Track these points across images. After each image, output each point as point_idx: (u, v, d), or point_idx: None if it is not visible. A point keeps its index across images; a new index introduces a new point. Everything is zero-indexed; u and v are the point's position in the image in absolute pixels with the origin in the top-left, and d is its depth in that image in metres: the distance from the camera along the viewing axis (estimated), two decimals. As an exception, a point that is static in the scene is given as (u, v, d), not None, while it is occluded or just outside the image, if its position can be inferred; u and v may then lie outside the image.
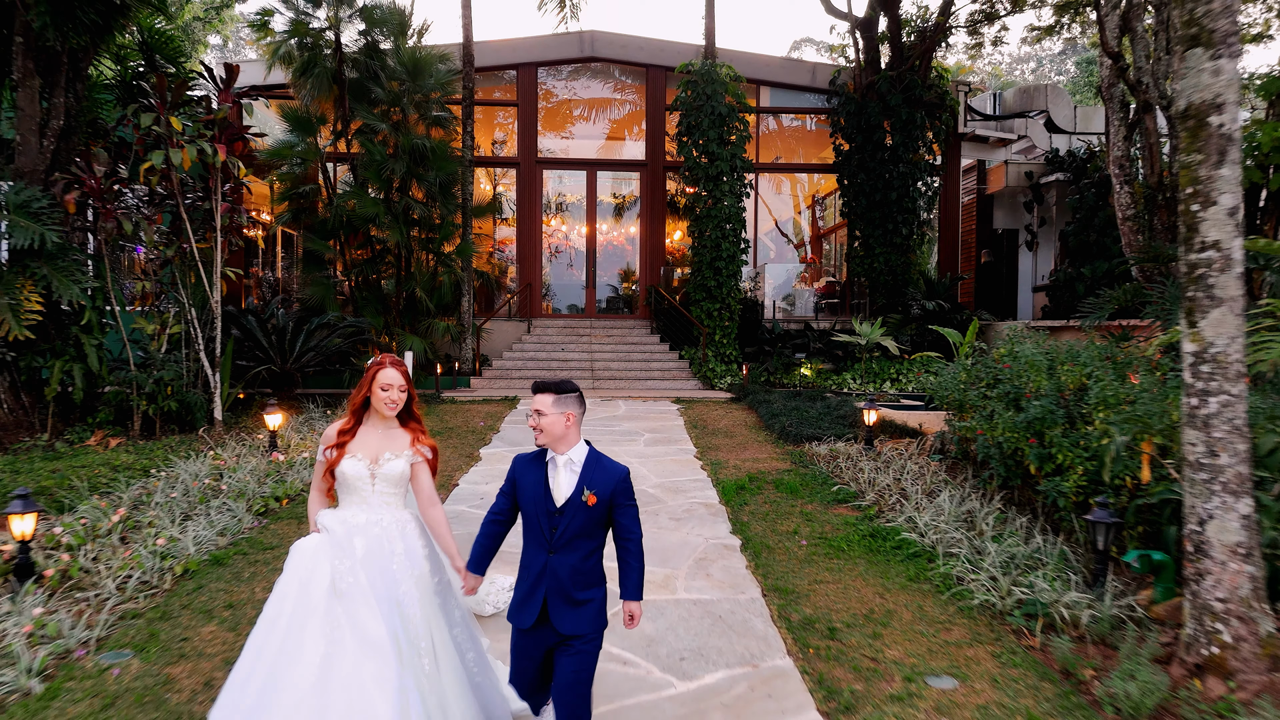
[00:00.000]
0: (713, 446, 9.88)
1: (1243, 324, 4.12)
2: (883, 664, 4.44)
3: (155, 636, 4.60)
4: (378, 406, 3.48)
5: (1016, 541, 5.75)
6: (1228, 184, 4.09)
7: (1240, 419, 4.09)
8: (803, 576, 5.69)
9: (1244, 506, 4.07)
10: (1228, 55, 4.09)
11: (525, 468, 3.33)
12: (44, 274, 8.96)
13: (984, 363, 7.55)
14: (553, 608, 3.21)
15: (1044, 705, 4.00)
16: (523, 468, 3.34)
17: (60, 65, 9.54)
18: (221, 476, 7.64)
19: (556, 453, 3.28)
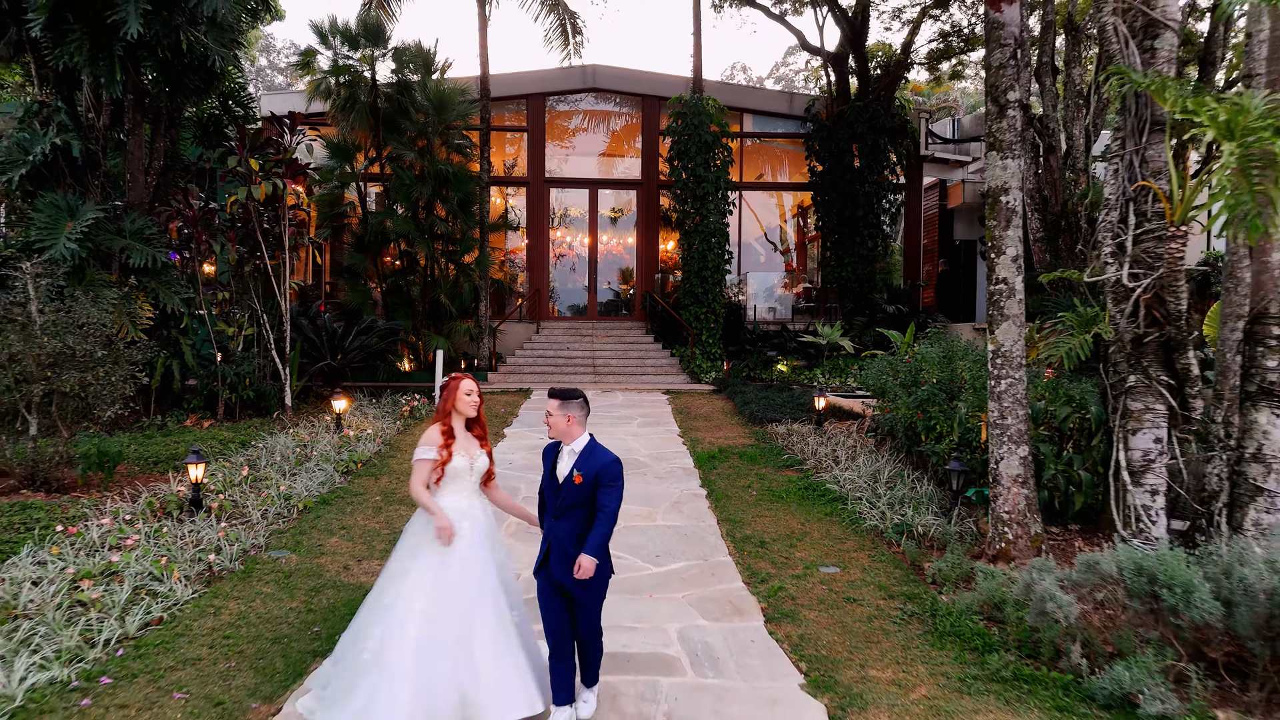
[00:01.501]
0: (693, 428, 12.05)
1: (1022, 332, 6.29)
2: (792, 560, 6.61)
3: (300, 543, 6.78)
4: (463, 409, 4.27)
5: (904, 488, 7.93)
6: (1011, 242, 6.26)
7: (1020, 393, 6.26)
8: (749, 513, 7.87)
9: (1022, 451, 6.23)
10: (1011, 157, 6.26)
11: (547, 453, 4.25)
12: (153, 287, 11.14)
13: (898, 358, 9.73)
14: (553, 561, 4.04)
15: (892, 579, 6.17)
16: (546, 453, 4.26)
17: (162, 117, 11.71)
18: (306, 448, 9.80)
19: (564, 443, 4.16)
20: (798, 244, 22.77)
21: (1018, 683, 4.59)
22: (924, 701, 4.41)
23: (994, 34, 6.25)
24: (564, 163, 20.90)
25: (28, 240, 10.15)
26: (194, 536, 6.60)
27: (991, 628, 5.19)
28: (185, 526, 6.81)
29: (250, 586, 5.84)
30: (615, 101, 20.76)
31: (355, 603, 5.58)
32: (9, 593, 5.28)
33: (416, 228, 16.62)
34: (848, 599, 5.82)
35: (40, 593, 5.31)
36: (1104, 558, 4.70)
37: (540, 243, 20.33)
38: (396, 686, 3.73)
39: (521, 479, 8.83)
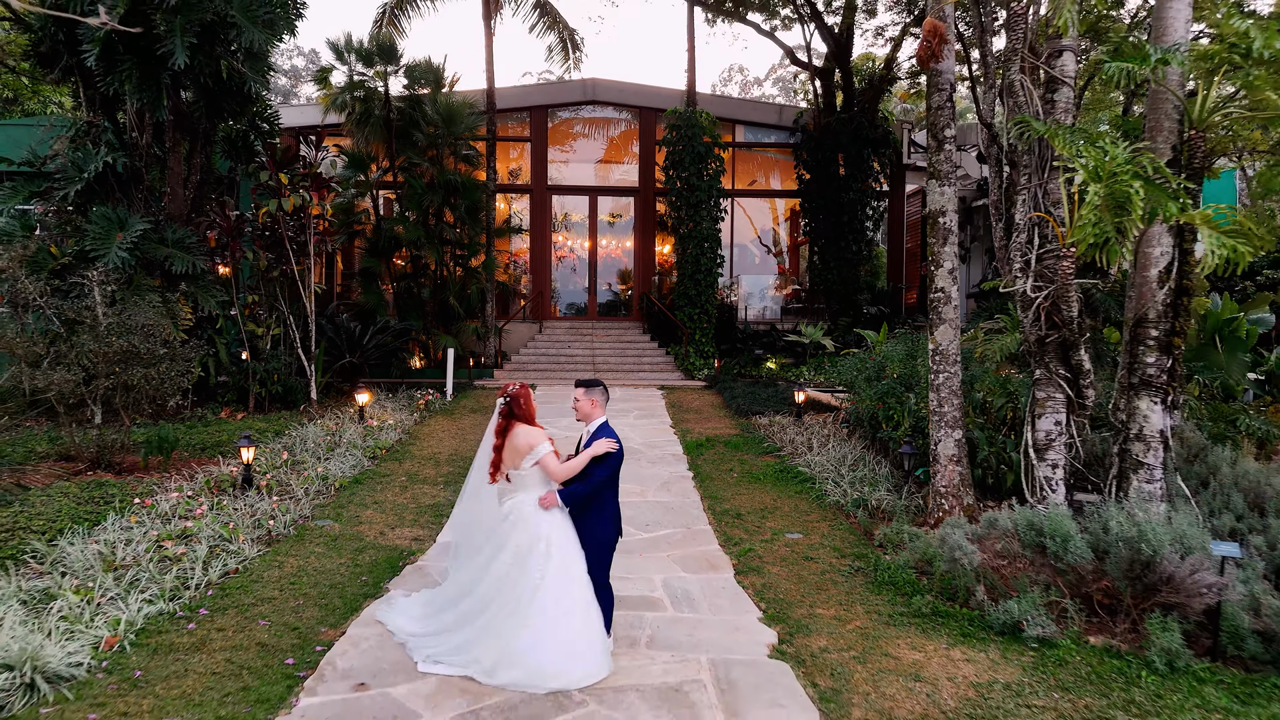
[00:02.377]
0: (684, 419, 13.16)
1: (958, 333, 7.39)
2: (763, 529, 7.72)
3: (340, 515, 7.89)
4: (532, 416, 5.05)
5: (865, 470, 9.04)
6: (948, 256, 7.36)
7: (955, 385, 7.36)
8: (729, 492, 8.98)
9: (957, 434, 7.34)
10: (949, 185, 7.36)
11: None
12: (192, 291, 12.24)
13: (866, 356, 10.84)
14: (573, 515, 4.94)
15: (846, 543, 7.27)
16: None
17: (199, 135, 12.81)
18: (334, 436, 10.90)
19: (586, 423, 5.06)
20: (790, 247, 23.85)
21: (935, 617, 5.69)
22: (857, 630, 5.52)
23: (933, 80, 7.36)
24: (565, 170, 21.99)
25: (82, 249, 11.24)
26: (250, 508, 7.70)
27: (921, 578, 6.29)
28: (241, 501, 7.92)
29: (304, 547, 6.95)
30: (614, 113, 21.85)
31: (394, 560, 6.72)
32: (107, 549, 6.38)
33: (427, 234, 17.71)
34: (806, 558, 6.93)
35: (132, 550, 6.42)
36: (1002, 516, 5.81)
37: (543, 246, 21.44)
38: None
39: (529, 463, 9.93)
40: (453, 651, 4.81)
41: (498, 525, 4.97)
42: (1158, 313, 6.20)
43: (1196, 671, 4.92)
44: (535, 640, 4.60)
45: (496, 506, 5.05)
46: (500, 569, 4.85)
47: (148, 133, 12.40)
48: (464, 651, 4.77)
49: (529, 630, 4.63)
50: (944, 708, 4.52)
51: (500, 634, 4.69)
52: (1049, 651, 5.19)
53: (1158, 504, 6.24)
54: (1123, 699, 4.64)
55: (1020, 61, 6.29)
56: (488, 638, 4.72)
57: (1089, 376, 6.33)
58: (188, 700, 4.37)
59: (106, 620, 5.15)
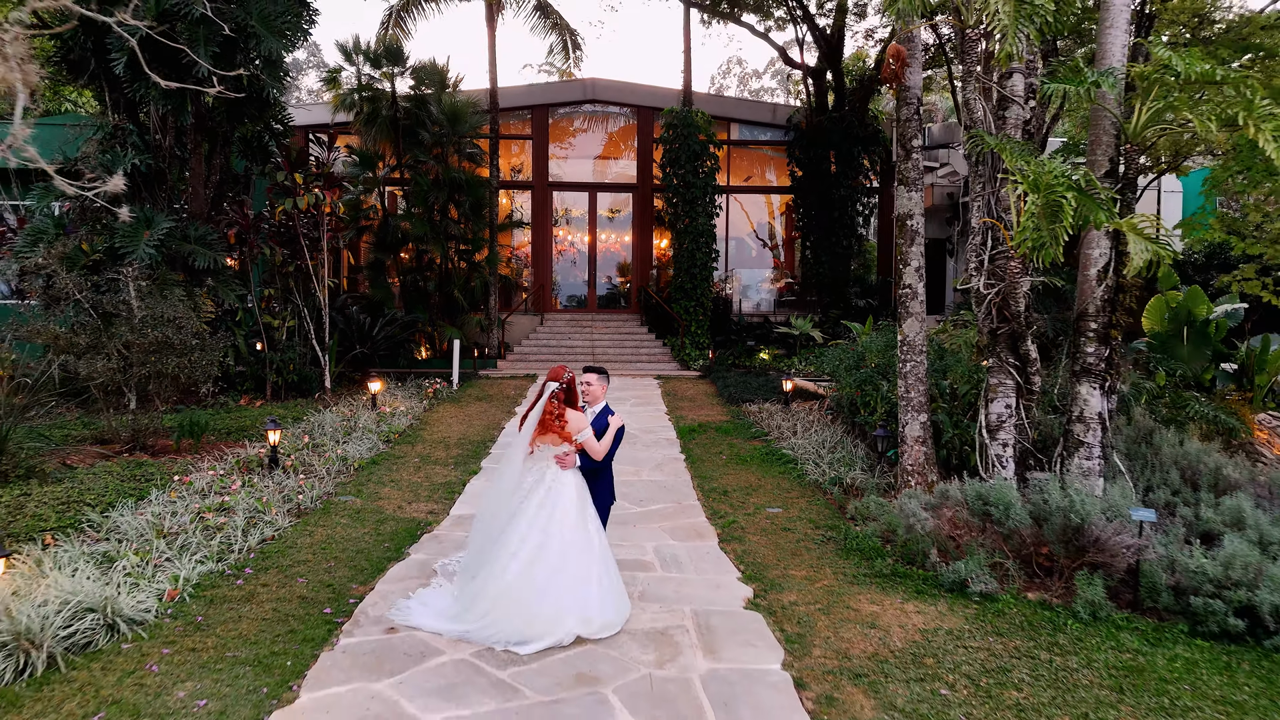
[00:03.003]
0: (679, 407, 13.90)
1: (924, 326, 8.11)
2: (747, 504, 8.45)
3: (361, 491, 8.63)
4: (576, 400, 5.57)
5: (844, 452, 9.78)
6: (915, 256, 8.08)
7: (921, 373, 8.08)
8: (718, 472, 9.72)
9: (922, 418, 8.06)
10: (916, 190, 8.07)
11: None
12: (213, 285, 12.96)
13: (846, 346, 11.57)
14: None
15: (821, 516, 8.01)
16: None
17: (218, 137, 13.51)
18: (350, 422, 11.63)
19: (592, 405, 5.72)
20: (786, 240, 24.54)
21: (894, 577, 6.43)
22: (823, 588, 6.26)
23: (902, 95, 8.06)
24: (566, 167, 22.68)
25: (111, 246, 11.95)
26: (278, 485, 8.44)
27: (885, 545, 7.03)
28: (269, 479, 8.66)
29: (330, 519, 7.69)
30: (613, 111, 22.53)
31: (412, 530, 7.46)
32: (156, 519, 7.12)
33: (432, 229, 18.42)
34: (784, 529, 7.67)
35: (178, 520, 7.16)
36: (953, 488, 6.55)
37: (544, 241, 22.15)
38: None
39: (532, 446, 10.67)
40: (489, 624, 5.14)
41: (527, 492, 5.40)
42: (1096, 308, 6.92)
43: (1116, 620, 5.66)
44: (597, 584, 5.31)
45: (518, 480, 5.47)
46: (553, 530, 5.28)
47: (170, 135, 13.10)
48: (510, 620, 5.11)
49: (595, 573, 5.31)
50: (893, 648, 5.26)
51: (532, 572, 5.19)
52: (990, 605, 5.93)
53: (1096, 479, 6.97)
54: (1048, 642, 5.38)
55: (974, 81, 6.99)
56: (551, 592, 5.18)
57: (1036, 365, 7.05)
58: (244, 639, 5.11)
59: (166, 577, 5.89)
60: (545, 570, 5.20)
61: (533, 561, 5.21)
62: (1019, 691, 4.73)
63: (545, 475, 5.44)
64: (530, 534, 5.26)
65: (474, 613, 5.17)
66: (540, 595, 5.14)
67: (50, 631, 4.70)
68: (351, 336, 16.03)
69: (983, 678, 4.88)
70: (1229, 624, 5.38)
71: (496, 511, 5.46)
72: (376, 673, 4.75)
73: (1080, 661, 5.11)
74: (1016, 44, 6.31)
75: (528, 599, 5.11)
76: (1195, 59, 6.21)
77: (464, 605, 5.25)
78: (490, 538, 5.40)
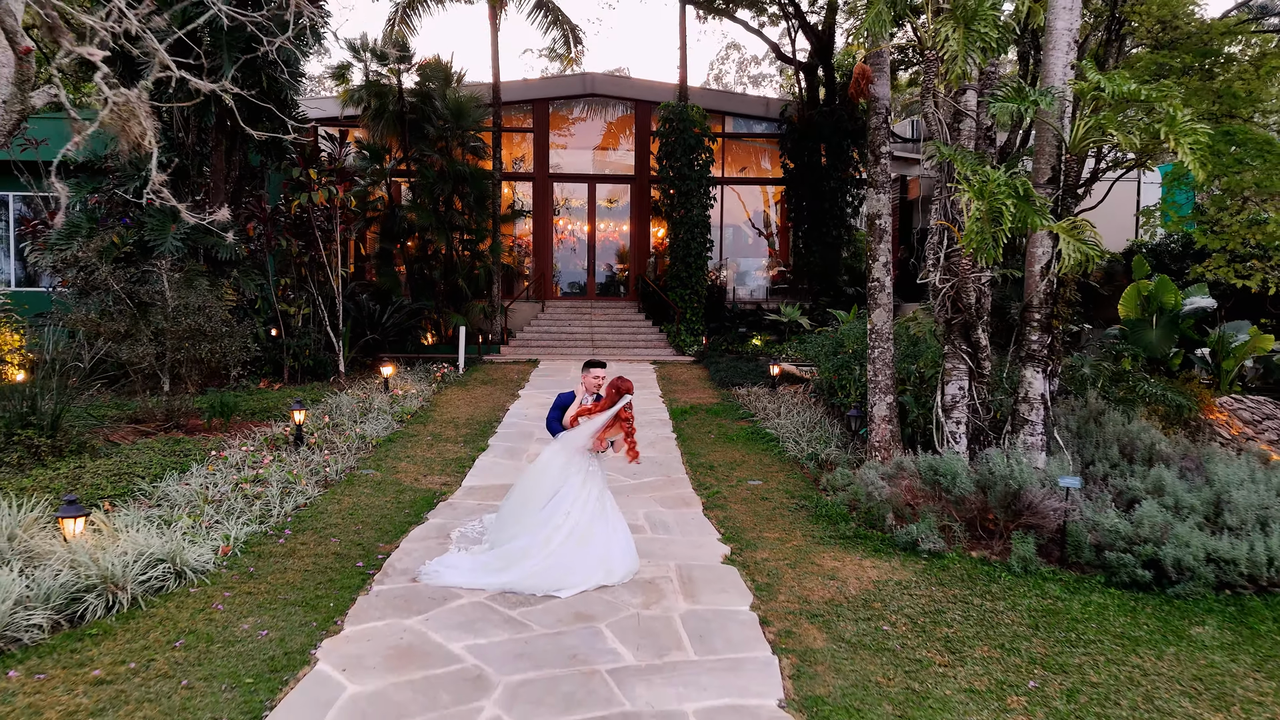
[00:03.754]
0: (672, 390, 14.75)
1: (891, 316, 8.94)
2: (731, 477, 9.31)
3: (380, 465, 9.49)
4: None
5: (822, 431, 10.63)
6: (883, 252, 8.90)
7: (888, 359, 8.92)
8: (706, 449, 10.58)
9: (889, 399, 8.91)
10: (884, 193, 8.88)
11: (563, 399, 6.67)
12: (235, 276, 13.79)
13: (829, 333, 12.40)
14: None
15: (797, 488, 8.86)
16: (562, 399, 6.67)
17: (237, 136, 14.30)
18: (364, 403, 12.48)
19: (589, 392, 6.66)
20: (780, 229, 25.30)
21: (855, 539, 7.29)
22: (793, 547, 7.12)
23: (872, 105, 8.87)
24: (566, 158, 23.44)
25: (140, 239, 12.77)
26: (305, 460, 9.30)
27: (851, 512, 7.88)
28: (296, 455, 9.51)
29: (355, 490, 8.55)
30: (611, 105, 23.27)
31: (429, 499, 8.32)
32: (200, 489, 7.98)
33: (437, 220, 19.22)
34: (762, 498, 8.53)
35: (220, 489, 8.02)
36: (908, 459, 7.40)
37: (545, 231, 22.94)
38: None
39: (536, 426, 11.52)
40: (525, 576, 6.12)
41: (569, 473, 6.38)
42: (1040, 300, 7.75)
43: (1043, 573, 6.52)
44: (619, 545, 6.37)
45: (565, 465, 6.42)
46: (590, 497, 6.37)
47: (193, 134, 13.89)
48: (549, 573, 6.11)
49: (619, 531, 6.43)
50: (847, 595, 6.13)
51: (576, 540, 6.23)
52: (937, 561, 6.79)
53: (1039, 453, 7.82)
54: (982, 590, 6.24)
55: (932, 97, 7.79)
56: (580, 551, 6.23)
57: (986, 351, 7.89)
58: (291, 586, 5.98)
59: (218, 536, 6.75)
60: (582, 537, 6.24)
61: (573, 530, 6.25)
62: (949, 628, 5.59)
63: (585, 464, 6.47)
64: (573, 510, 6.31)
65: (520, 569, 6.08)
66: (579, 555, 6.17)
67: (130, 576, 5.56)
68: (362, 323, 16.86)
69: (920, 618, 5.74)
70: (1138, 574, 6.24)
71: (535, 491, 6.43)
72: (406, 612, 5.62)
73: (1006, 605, 5.98)
74: (966, 65, 7.11)
75: (569, 559, 6.13)
76: (1122, 80, 7.01)
77: (506, 563, 6.17)
78: (529, 510, 6.37)
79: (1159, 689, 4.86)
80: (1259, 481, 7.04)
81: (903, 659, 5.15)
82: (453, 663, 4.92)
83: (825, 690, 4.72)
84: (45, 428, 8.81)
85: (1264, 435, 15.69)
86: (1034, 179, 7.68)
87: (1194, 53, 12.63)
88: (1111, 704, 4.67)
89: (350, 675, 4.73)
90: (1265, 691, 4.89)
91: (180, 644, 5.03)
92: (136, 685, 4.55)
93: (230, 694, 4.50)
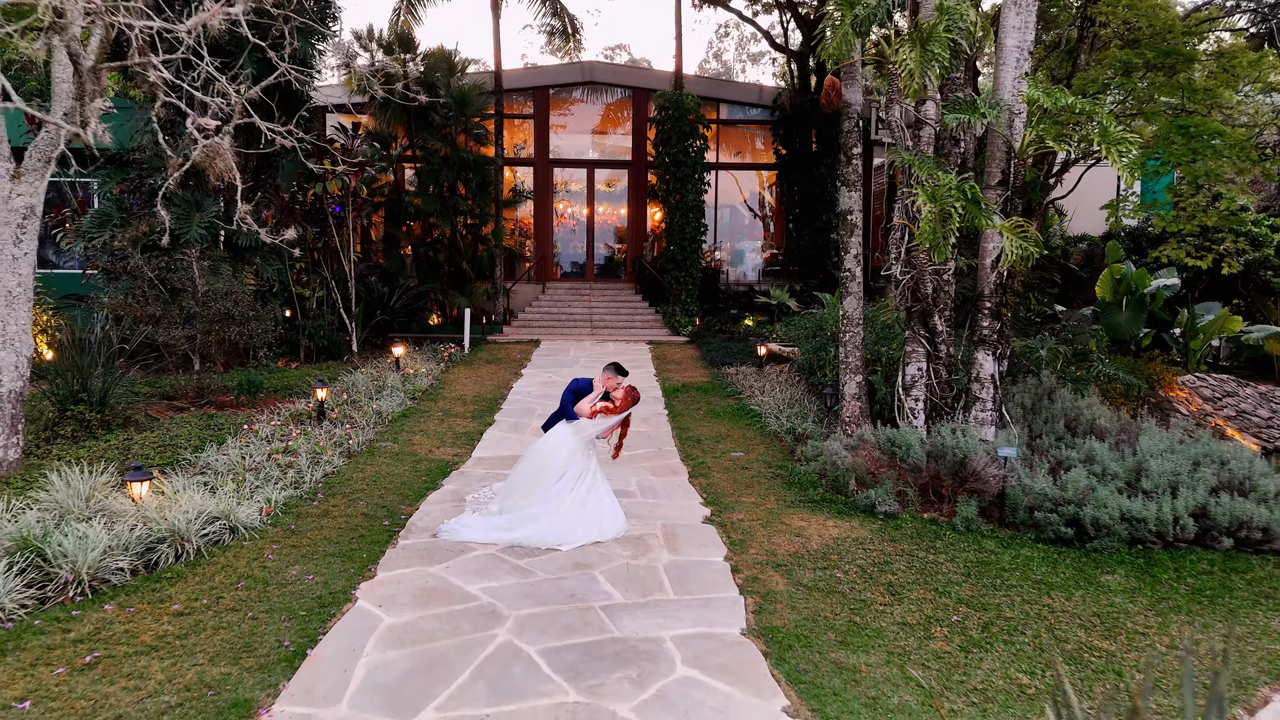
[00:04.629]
0: (666, 369, 15.67)
1: (860, 303, 9.83)
2: (715, 449, 10.25)
3: (397, 438, 10.43)
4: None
5: (800, 408, 11.56)
6: (854, 245, 9.78)
7: (858, 342, 9.82)
8: (694, 424, 11.51)
9: (858, 378, 9.82)
10: (855, 190, 9.75)
11: (574, 387, 7.73)
12: (255, 261, 14.66)
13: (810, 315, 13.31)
14: None
15: (774, 458, 9.80)
16: (574, 386, 7.77)
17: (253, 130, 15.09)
18: (378, 382, 13.40)
19: (596, 389, 8.47)
20: (775, 211, 26.10)
21: (822, 503, 8.24)
22: (766, 510, 8.06)
23: (844, 110, 9.71)
24: (566, 143, 24.21)
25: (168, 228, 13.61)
26: (328, 434, 10.23)
27: (820, 480, 8.82)
28: (319, 429, 10.45)
29: (375, 460, 9.49)
30: (609, 92, 24.01)
31: (443, 468, 9.26)
32: (237, 459, 8.91)
33: (442, 205, 20.05)
34: (742, 468, 9.48)
35: (254, 460, 8.95)
36: (867, 431, 8.34)
37: (545, 214, 23.76)
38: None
39: (538, 403, 12.46)
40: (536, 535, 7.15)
41: (575, 454, 7.40)
42: (990, 290, 8.64)
43: (983, 531, 7.47)
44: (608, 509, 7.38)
45: (574, 447, 7.42)
46: (589, 473, 7.42)
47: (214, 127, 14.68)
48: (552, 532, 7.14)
49: (607, 501, 7.41)
50: (809, 550, 7.07)
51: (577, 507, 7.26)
52: (891, 521, 7.73)
53: (989, 427, 8.76)
54: (927, 545, 7.19)
55: (896, 106, 8.64)
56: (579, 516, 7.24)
57: (943, 336, 8.80)
58: (328, 540, 6.93)
59: (259, 498, 7.69)
60: (582, 504, 7.27)
61: (577, 499, 7.28)
62: (893, 575, 6.55)
63: (589, 447, 7.54)
64: (580, 480, 7.36)
65: (530, 529, 7.06)
66: (579, 518, 7.18)
67: (193, 531, 6.51)
68: (372, 305, 17.74)
69: (870, 567, 6.70)
70: (1061, 531, 7.19)
71: (548, 465, 7.38)
72: (429, 561, 6.57)
73: (946, 558, 6.93)
74: (923, 80, 7.96)
75: (572, 520, 7.14)
76: (1060, 95, 7.87)
77: (517, 524, 7.14)
78: (543, 483, 7.32)
79: (1061, 622, 5.82)
80: (1177, 452, 7.98)
81: (850, 599, 6.10)
82: (470, 600, 5.88)
83: (780, 622, 5.68)
84: (94, 403, 9.74)
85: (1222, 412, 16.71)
86: (986, 181, 8.56)
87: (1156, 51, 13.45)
88: (1018, 633, 5.63)
89: (386, 610, 5.69)
90: (1151, 625, 5.85)
91: (241, 585, 5.99)
92: (210, 616, 5.51)
93: (288, 623, 5.46)
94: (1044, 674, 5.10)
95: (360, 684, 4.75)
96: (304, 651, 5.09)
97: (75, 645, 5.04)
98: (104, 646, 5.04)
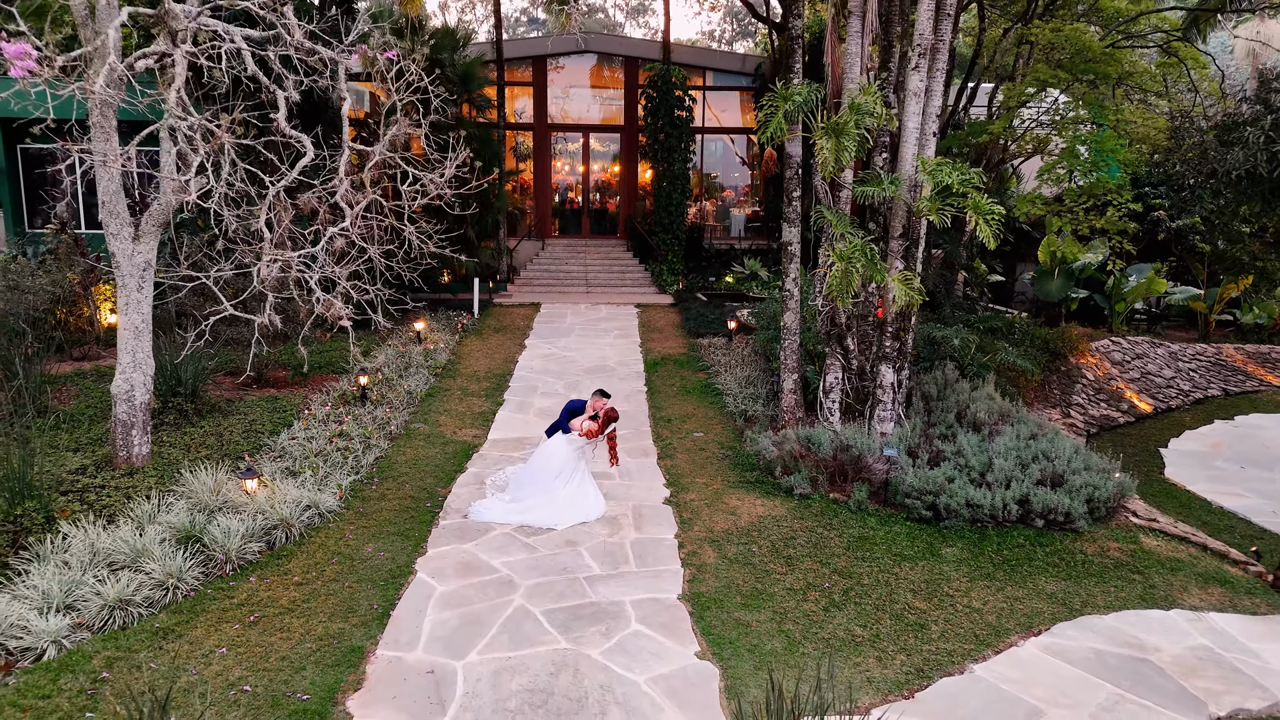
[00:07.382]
0: (650, 339, 18.14)
1: (798, 316, 12.22)
2: (681, 429, 12.82)
3: (426, 419, 12.99)
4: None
5: (755, 389, 14.09)
6: (794, 270, 12.10)
7: (794, 348, 12.25)
8: (667, 403, 14.06)
9: (795, 376, 12.30)
10: (795, 227, 12.01)
11: (570, 410, 10.79)
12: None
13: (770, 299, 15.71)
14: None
15: (728, 439, 12.36)
16: (569, 409, 10.80)
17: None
18: (405, 358, 15.86)
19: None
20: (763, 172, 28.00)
21: (756, 485, 10.83)
22: (713, 491, 10.66)
23: (784, 159, 11.89)
24: (563, 109, 26.01)
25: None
26: (371, 414, 12.78)
27: (761, 463, 11.40)
28: (362, 409, 12.98)
29: (412, 443, 12.08)
30: (604, 61, 25.65)
31: (467, 450, 11.84)
32: (304, 442, 11.47)
33: (451, 176, 22.09)
34: (701, 449, 12.06)
35: (317, 444, 11.51)
36: (789, 432, 10.90)
37: (544, 176, 25.77)
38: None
39: (539, 379, 15.00)
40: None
41: (568, 459, 9.90)
42: (891, 319, 11.04)
43: (870, 511, 10.09)
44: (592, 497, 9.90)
45: (567, 453, 9.93)
46: (579, 473, 9.93)
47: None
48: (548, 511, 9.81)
49: (591, 493, 9.92)
50: (739, 526, 9.70)
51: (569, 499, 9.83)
52: (804, 501, 10.35)
53: (890, 424, 11.29)
54: (825, 523, 9.81)
55: (820, 174, 10.85)
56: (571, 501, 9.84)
57: (853, 352, 11.25)
58: (389, 521, 9.56)
59: (332, 484, 10.28)
60: (573, 494, 9.82)
61: (569, 491, 9.83)
62: (793, 549, 9.19)
63: (579, 452, 10.00)
64: (572, 478, 9.89)
65: (535, 514, 9.63)
66: (570, 505, 9.73)
67: (296, 517, 9.13)
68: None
69: (778, 542, 9.34)
70: (923, 514, 9.81)
71: (546, 467, 9.92)
72: (462, 540, 9.22)
73: (836, 534, 9.57)
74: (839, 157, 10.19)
75: (564, 507, 9.69)
76: (949, 170, 10.11)
77: (525, 508, 9.73)
78: (542, 481, 9.84)
79: (899, 587, 8.49)
80: (1022, 450, 10.55)
81: (758, 570, 8.76)
82: (494, 573, 8.54)
83: (704, 589, 8.35)
84: (188, 395, 12.27)
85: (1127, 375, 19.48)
86: (890, 232, 10.85)
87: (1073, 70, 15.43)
88: (866, 597, 8.30)
89: (437, 580, 8.35)
90: (966, 590, 8.51)
91: (335, 561, 8.64)
92: (320, 586, 8.17)
93: (373, 590, 8.12)
94: (873, 627, 7.78)
95: (428, 635, 7.43)
96: (388, 612, 7.76)
97: (239, 609, 7.71)
98: (259, 609, 7.70)
